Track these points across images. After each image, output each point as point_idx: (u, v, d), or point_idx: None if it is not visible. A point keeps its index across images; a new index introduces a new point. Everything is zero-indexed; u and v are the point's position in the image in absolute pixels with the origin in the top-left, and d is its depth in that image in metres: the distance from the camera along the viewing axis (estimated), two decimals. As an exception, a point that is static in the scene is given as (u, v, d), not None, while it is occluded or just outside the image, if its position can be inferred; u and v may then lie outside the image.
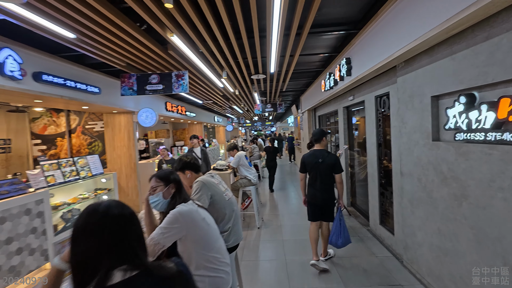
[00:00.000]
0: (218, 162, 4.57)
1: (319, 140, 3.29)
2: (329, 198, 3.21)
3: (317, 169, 3.20)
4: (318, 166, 3.20)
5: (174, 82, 4.58)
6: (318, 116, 8.28)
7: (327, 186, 3.18)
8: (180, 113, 9.15)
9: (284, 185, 8.35)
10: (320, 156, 3.20)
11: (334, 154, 3.34)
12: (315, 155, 3.23)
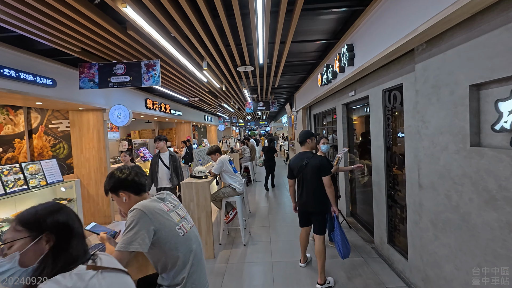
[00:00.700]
0: (197, 169, 3.87)
1: (304, 142, 3.12)
2: (319, 205, 2.95)
3: (302, 172, 3.01)
4: (303, 169, 3.01)
5: (144, 73, 3.85)
6: (313, 115, 7.62)
7: (315, 190, 2.94)
8: (164, 112, 8.38)
9: (276, 188, 7.68)
10: (305, 158, 3.01)
11: (320, 156, 3.13)
12: (300, 158, 3.06)
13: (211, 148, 4.17)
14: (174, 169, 4.54)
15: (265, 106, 9.68)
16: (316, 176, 2.92)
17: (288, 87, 8.57)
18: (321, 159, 2.97)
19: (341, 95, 4.88)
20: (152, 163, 4.61)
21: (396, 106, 3.10)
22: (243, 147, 8.76)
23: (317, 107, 7.03)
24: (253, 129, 39.37)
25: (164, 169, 4.53)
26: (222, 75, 5.56)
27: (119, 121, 5.36)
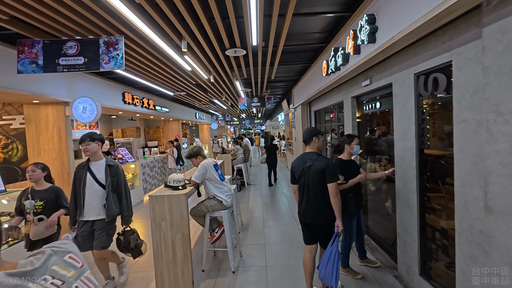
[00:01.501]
0: (172, 176, 3.03)
1: (309, 141, 2.65)
2: (323, 217, 2.47)
3: (304, 177, 2.55)
4: (305, 173, 2.55)
5: (103, 53, 2.98)
6: (314, 111, 6.82)
7: (317, 199, 2.47)
8: (146, 107, 7.48)
9: (274, 192, 6.88)
10: (308, 160, 2.55)
11: (326, 158, 2.56)
12: (303, 160, 2.60)
13: (192, 150, 3.32)
14: (115, 188, 2.79)
15: (260, 102, 8.85)
16: (319, 181, 2.46)
17: (285, 81, 7.75)
18: (327, 162, 2.46)
19: (350, 86, 4.08)
20: (76, 178, 2.76)
21: (435, 94, 2.31)
22: (236, 147, 7.93)
23: (318, 102, 6.23)
24: (248, 128, 38.52)
25: (96, 189, 2.71)
26: (208, 62, 4.70)
27: (84, 117, 4.47)
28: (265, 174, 9.92)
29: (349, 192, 2.82)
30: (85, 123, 6.78)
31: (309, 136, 2.62)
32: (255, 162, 14.21)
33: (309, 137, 2.62)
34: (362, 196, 2.92)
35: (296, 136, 8.29)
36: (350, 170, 2.84)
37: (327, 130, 6.41)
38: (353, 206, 2.81)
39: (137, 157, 7.15)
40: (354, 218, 2.89)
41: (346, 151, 2.88)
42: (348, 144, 2.86)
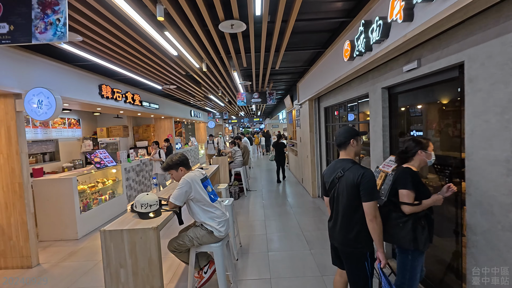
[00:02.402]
0: (140, 198, 2.09)
1: (345, 144, 2.00)
2: (350, 241, 1.88)
3: (334, 189, 1.96)
4: (335, 185, 1.96)
5: (38, 17, 2.03)
6: (323, 108, 5.89)
7: (347, 219, 1.88)
8: (131, 103, 6.52)
9: (278, 200, 5.95)
10: (339, 170, 1.94)
11: (362, 167, 1.89)
12: (334, 168, 2.01)
13: (170, 159, 2.38)
14: None
15: (261, 98, 7.91)
16: (351, 198, 1.88)
17: (290, 73, 6.80)
18: (363, 174, 1.84)
19: (380, 74, 3.15)
20: None
21: None
22: (234, 148, 6.99)
23: (330, 97, 5.29)
24: (246, 127, 37.56)
25: None
26: (199, 44, 3.75)
27: (40, 113, 3.50)
28: (266, 177, 9.02)
29: (421, 218, 1.92)
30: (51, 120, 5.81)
31: (346, 138, 2.00)
32: (254, 163, 13.27)
33: (345, 140, 2.00)
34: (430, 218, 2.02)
35: (301, 136, 7.37)
36: (423, 186, 1.98)
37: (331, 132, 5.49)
38: (425, 240, 1.91)
39: (120, 160, 6.20)
40: (422, 257, 1.98)
41: (418, 159, 2.03)
42: (423, 150, 2.01)
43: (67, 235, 4.56)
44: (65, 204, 4.53)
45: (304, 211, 5.33)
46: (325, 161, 5.92)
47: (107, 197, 5.53)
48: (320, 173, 6.28)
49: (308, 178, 6.64)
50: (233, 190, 6.46)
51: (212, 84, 6.72)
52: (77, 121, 8.27)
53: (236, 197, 6.51)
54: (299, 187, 7.42)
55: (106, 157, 5.85)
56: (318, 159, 6.27)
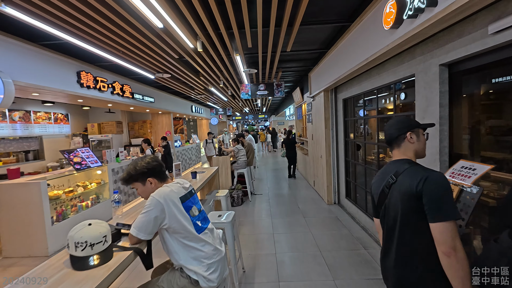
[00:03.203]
0: (74, 233, 1.31)
1: (397, 140, 1.36)
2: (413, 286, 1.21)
3: (385, 205, 1.33)
4: (385, 197, 1.33)
5: None
6: (342, 100, 5.00)
7: (403, 248, 1.24)
8: (120, 95, 5.71)
9: (287, 206, 5.09)
10: (390, 175, 1.31)
11: (425, 169, 1.22)
12: (384, 173, 1.37)
13: (134, 166, 1.54)
14: None
15: (268, 90, 7.04)
16: (409, 214, 1.19)
17: (302, 59, 5.90)
18: (427, 178, 1.14)
19: (440, 45, 2.27)
20: None
21: None
22: (237, 147, 6.15)
23: (352, 85, 4.40)
24: (251, 124, 36.73)
25: None
26: (190, 11, 2.89)
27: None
28: (272, 179, 8.16)
29: None
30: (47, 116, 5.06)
31: (400, 130, 1.35)
32: (259, 161, 12.43)
33: (399, 133, 1.35)
34: None
35: (313, 133, 6.49)
36: None
37: (358, 127, 4.64)
38: None
39: (106, 160, 5.41)
40: None
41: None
42: None
43: (35, 251, 3.79)
44: (33, 213, 3.76)
45: (319, 222, 4.47)
46: (343, 163, 5.04)
47: (90, 203, 4.75)
48: (337, 176, 5.40)
49: (322, 182, 5.77)
50: (235, 194, 5.64)
51: (212, 73, 5.87)
52: (65, 116, 7.52)
53: (240, 202, 5.68)
54: (311, 191, 6.55)
55: (89, 156, 5.06)
56: (334, 160, 5.39)
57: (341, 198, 5.31)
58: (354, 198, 4.79)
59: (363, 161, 4.26)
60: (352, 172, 4.91)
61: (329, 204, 5.43)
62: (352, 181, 4.83)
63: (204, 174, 3.70)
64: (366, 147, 4.18)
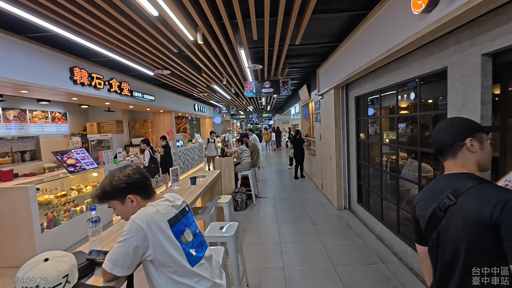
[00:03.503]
0: (23, 273, 1.02)
1: (453, 149, 1.01)
2: None
3: (438, 232, 0.97)
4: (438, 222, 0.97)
5: None
6: (354, 98, 4.63)
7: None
8: (117, 93, 5.43)
9: (295, 211, 4.76)
10: (445, 194, 0.96)
11: (503, 189, 0.85)
12: (435, 191, 1.02)
13: (110, 180, 1.23)
14: None
15: (274, 88, 6.69)
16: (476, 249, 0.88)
17: (310, 55, 5.54)
18: (508, 202, 0.79)
19: (482, 31, 1.90)
20: None
21: None
22: (240, 147, 5.82)
23: (367, 82, 4.04)
24: (255, 123, 36.39)
25: None
26: (189, 0, 2.57)
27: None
28: (277, 180, 7.82)
29: None
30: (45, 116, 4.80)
31: (454, 136, 1.00)
32: (263, 161, 12.10)
33: (454, 139, 1.00)
34: None
35: (321, 133, 6.13)
36: None
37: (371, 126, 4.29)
38: None
39: (103, 162, 5.13)
40: None
41: None
42: None
43: (23, 260, 3.50)
44: (21, 220, 3.48)
45: (330, 230, 4.13)
46: (355, 165, 4.68)
47: (85, 207, 4.48)
48: (348, 179, 5.05)
49: (331, 185, 5.42)
50: (239, 198, 5.32)
51: (214, 69, 5.54)
52: (63, 115, 7.26)
53: (244, 206, 5.36)
54: (318, 194, 6.20)
55: (85, 157, 4.78)
56: (345, 162, 5.03)
57: (352, 203, 4.95)
58: (367, 203, 4.43)
59: (378, 163, 3.90)
60: (364, 175, 4.56)
61: (339, 209, 5.08)
62: (365, 185, 4.48)
63: (205, 179, 3.38)
64: (381, 149, 3.82)
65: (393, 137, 3.59)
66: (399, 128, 3.32)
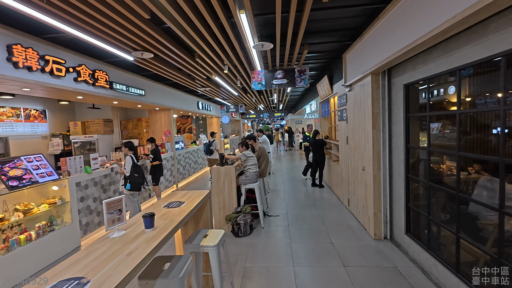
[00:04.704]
0: None
1: None
2: None
3: None
4: None
5: None
6: (403, 86, 3.27)
7: None
8: (88, 83, 4.31)
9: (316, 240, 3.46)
10: None
11: None
12: None
13: None
14: None
15: (288, 78, 5.40)
16: None
17: (337, 30, 4.20)
18: None
19: None
20: None
21: None
22: (244, 153, 4.56)
23: (429, 60, 2.68)
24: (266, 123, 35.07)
25: None
26: None
27: None
28: (291, 189, 6.46)
29: None
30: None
31: None
32: (274, 165, 10.79)
33: None
34: None
35: (348, 135, 4.79)
36: None
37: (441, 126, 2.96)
38: None
39: (68, 171, 4.01)
40: None
41: None
42: None
43: None
44: None
45: (371, 277, 2.80)
46: (403, 181, 3.33)
47: (34, 233, 3.35)
48: (389, 200, 3.69)
49: (364, 204, 4.07)
50: (242, 220, 4.07)
51: (211, 52, 4.30)
52: (41, 113, 6.26)
53: (247, 231, 4.10)
54: (345, 213, 4.85)
55: (41, 166, 3.67)
56: (386, 175, 3.67)
57: (397, 232, 3.59)
58: (423, 237, 3.07)
59: (444, 181, 2.54)
60: (417, 195, 3.20)
61: (378, 240, 3.72)
62: (418, 210, 3.12)
63: (181, 209, 2.14)
64: (459, 161, 2.46)
65: (480, 143, 2.22)
66: (500, 129, 1.95)
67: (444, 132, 2.69)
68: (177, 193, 2.63)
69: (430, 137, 2.82)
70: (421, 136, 3.13)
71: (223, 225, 4.30)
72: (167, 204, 2.23)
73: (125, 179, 4.48)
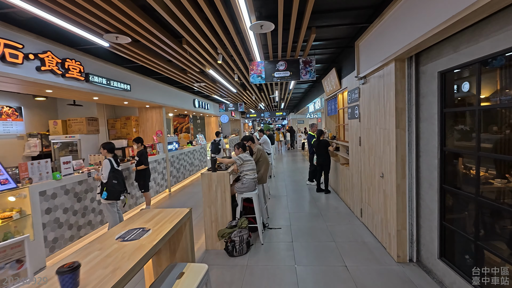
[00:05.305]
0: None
1: None
2: None
3: None
4: None
5: None
6: (438, 74, 2.60)
7: None
8: (57, 74, 3.66)
9: (327, 264, 2.78)
10: None
11: None
12: None
13: None
14: None
15: (291, 70, 4.73)
16: None
17: (351, 9, 3.53)
18: None
19: None
20: None
21: None
22: (240, 156, 3.89)
23: (469, 42, 2.01)
24: (268, 122, 34.40)
25: None
26: None
27: None
28: (293, 196, 5.78)
29: None
30: None
31: None
32: (275, 166, 10.12)
33: None
34: None
35: (361, 135, 4.12)
36: None
37: None
38: None
39: (29, 178, 3.37)
40: None
41: None
42: None
43: None
44: None
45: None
46: (437, 193, 2.66)
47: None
48: (416, 215, 3.02)
49: (383, 219, 3.41)
50: (237, 237, 3.41)
51: (200, 35, 3.65)
52: (16, 110, 5.63)
53: (244, 249, 3.44)
54: (357, 226, 4.19)
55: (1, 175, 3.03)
56: (412, 185, 3.01)
57: (426, 255, 2.92)
58: (465, 265, 2.40)
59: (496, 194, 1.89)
60: (456, 211, 2.54)
61: (401, 263, 3.06)
62: (459, 232, 2.45)
63: (141, 242, 1.49)
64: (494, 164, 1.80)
65: None
66: None
67: (504, 132, 2.02)
68: (145, 213, 1.98)
69: (480, 138, 2.15)
70: (461, 136, 2.46)
71: (215, 242, 3.65)
72: (123, 234, 1.58)
73: (101, 186, 3.84)
